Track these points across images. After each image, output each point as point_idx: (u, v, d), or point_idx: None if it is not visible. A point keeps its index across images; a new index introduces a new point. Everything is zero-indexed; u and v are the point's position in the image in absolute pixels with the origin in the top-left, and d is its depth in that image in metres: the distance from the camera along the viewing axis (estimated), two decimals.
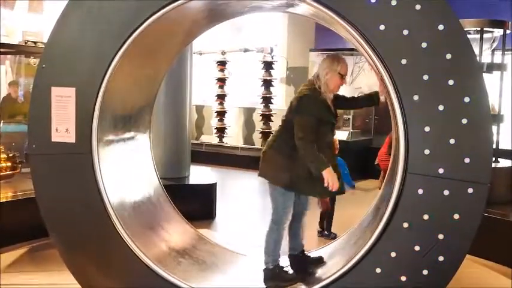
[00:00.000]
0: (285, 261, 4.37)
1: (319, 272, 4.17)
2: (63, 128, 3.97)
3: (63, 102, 3.95)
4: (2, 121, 9.09)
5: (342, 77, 4.13)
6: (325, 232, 6.80)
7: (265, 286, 4.15)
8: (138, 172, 4.71)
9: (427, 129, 3.39)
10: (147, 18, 3.81)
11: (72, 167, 4.01)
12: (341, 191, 4.19)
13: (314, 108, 4.05)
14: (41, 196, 4.12)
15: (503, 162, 6.95)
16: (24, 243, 5.94)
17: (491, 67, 7.07)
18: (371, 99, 4.39)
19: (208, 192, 7.74)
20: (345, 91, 4.52)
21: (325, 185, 3.89)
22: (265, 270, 4.22)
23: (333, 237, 6.44)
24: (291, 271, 4.25)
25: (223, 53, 13.93)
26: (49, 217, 4.11)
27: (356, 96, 4.59)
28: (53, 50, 4.02)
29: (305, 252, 4.48)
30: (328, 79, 4.08)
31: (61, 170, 4.03)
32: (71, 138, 3.97)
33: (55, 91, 3.96)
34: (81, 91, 3.94)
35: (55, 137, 3.99)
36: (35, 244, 5.92)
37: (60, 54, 3.99)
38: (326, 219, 6.84)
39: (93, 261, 4.09)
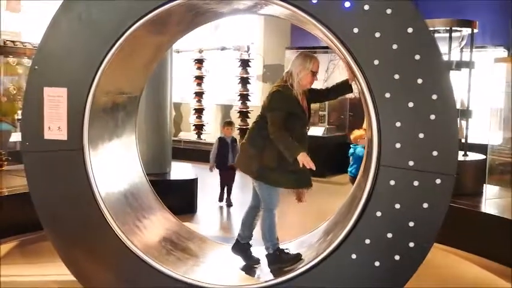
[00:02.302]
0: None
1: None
2: (55, 126, 4.14)
3: (55, 102, 4.11)
4: None
5: (314, 74, 4.34)
6: (226, 202, 8.29)
7: (269, 269, 4.41)
8: (126, 167, 4.89)
9: (398, 124, 3.61)
10: (135, 23, 3.98)
11: (64, 163, 4.18)
12: (308, 183, 4.43)
13: (284, 104, 4.25)
14: (35, 191, 4.27)
15: (472, 156, 7.21)
16: (14, 237, 6.06)
17: (460, 65, 7.31)
18: (343, 87, 4.62)
19: (189, 187, 7.93)
20: (320, 88, 4.74)
21: (301, 166, 4.11)
22: (267, 255, 4.47)
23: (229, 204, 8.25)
24: (291, 252, 4.44)
25: (200, 51, 14.03)
26: (42, 211, 4.28)
27: (328, 88, 4.75)
28: (45, 52, 4.18)
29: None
30: (301, 77, 4.29)
31: (53, 166, 4.20)
32: (63, 135, 4.14)
33: (47, 91, 4.13)
34: (73, 91, 4.11)
35: (48, 135, 4.16)
36: (24, 238, 6.05)
37: (52, 56, 4.15)
38: (228, 190, 8.29)
39: (85, 253, 4.26)
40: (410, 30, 3.57)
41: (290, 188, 4.42)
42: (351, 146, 7.37)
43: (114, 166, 4.62)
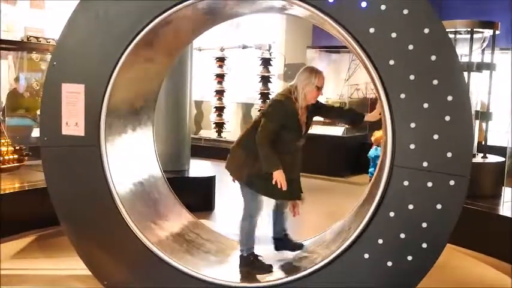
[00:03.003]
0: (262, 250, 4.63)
1: (313, 256, 4.40)
2: (72, 122, 4.21)
3: (72, 98, 4.19)
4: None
5: (319, 89, 4.30)
6: None
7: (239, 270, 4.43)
8: (143, 164, 4.94)
9: (412, 125, 3.60)
10: (152, 21, 4.04)
11: (81, 159, 4.26)
12: (297, 196, 4.42)
13: (281, 116, 4.23)
14: (52, 186, 4.36)
15: (491, 158, 7.15)
16: (34, 232, 6.15)
17: (481, 66, 7.25)
18: (357, 118, 4.75)
19: (207, 185, 7.96)
20: (341, 88, 4.75)
21: (273, 183, 4.10)
22: (241, 257, 4.49)
23: None
24: (266, 261, 4.46)
25: (222, 50, 14.07)
26: (60, 206, 4.36)
27: (344, 108, 4.72)
28: (63, 49, 4.26)
29: (288, 236, 4.74)
30: (306, 91, 4.25)
31: (71, 162, 4.28)
32: (80, 131, 4.21)
33: (65, 87, 4.21)
34: (90, 88, 4.18)
35: (65, 131, 4.24)
36: (43, 232, 6.15)
37: (70, 53, 4.23)
38: None
39: (101, 248, 4.33)
40: (426, 30, 3.55)
41: (279, 199, 4.41)
42: (376, 147, 7.30)
43: (131, 162, 4.67)
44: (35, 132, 9.46)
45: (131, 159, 4.69)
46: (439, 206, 3.62)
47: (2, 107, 9.74)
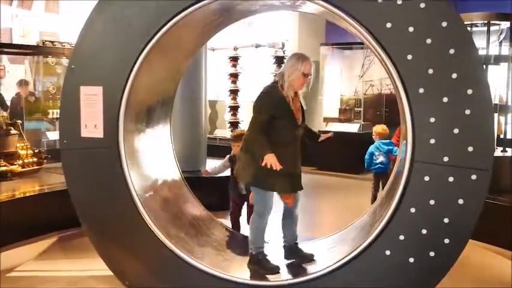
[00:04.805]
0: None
1: (331, 256, 4.39)
2: (91, 124, 4.24)
3: (91, 100, 4.21)
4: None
5: (305, 75, 4.21)
6: None
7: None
8: (161, 164, 4.97)
9: (432, 120, 3.58)
10: (167, 22, 4.06)
11: (101, 160, 4.29)
12: (301, 187, 4.41)
13: (269, 105, 4.18)
14: (73, 188, 4.39)
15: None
16: (55, 233, 6.21)
17: (498, 59, 7.20)
18: (311, 135, 4.71)
19: (223, 184, 7.95)
20: (356, 84, 4.73)
21: (265, 165, 4.00)
22: (250, 255, 4.47)
23: None
24: (273, 261, 4.43)
25: (235, 49, 14.06)
26: (80, 207, 4.39)
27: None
28: (81, 51, 4.29)
29: (298, 245, 4.64)
30: (292, 78, 4.19)
31: (90, 164, 4.31)
32: (99, 133, 4.24)
33: (83, 90, 4.24)
34: (108, 89, 4.21)
35: (84, 133, 4.27)
36: (64, 234, 6.20)
37: (88, 56, 4.26)
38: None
39: (121, 248, 4.36)
40: (444, 24, 3.53)
41: (285, 193, 4.38)
42: (378, 141, 7.29)
43: (149, 163, 4.69)
44: (52, 135, 9.56)
45: (150, 160, 4.71)
46: (460, 201, 3.59)
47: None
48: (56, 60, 10.80)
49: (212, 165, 8.66)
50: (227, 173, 8.20)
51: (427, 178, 3.64)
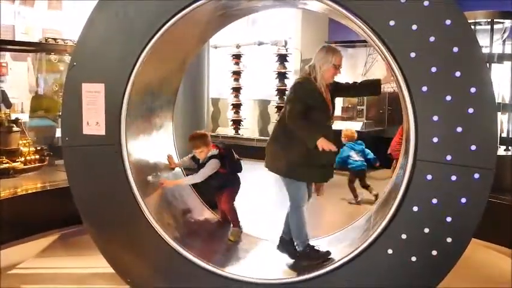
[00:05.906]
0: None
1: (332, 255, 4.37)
2: (93, 122, 4.23)
3: (93, 97, 4.20)
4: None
5: (336, 67, 4.29)
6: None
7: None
8: (163, 161, 4.96)
9: (435, 118, 3.56)
10: (169, 19, 4.04)
11: (103, 158, 4.27)
12: (332, 176, 4.42)
13: (303, 96, 4.22)
14: (74, 185, 4.38)
15: None
16: (56, 231, 6.22)
17: (502, 57, 7.17)
18: (371, 87, 4.55)
19: None
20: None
21: (321, 150, 4.03)
22: (298, 252, 4.47)
23: None
24: (322, 249, 4.41)
25: (237, 47, 14.06)
26: (82, 205, 4.38)
27: (358, 82, 4.64)
28: (83, 48, 4.27)
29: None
30: (324, 70, 4.25)
31: (92, 161, 4.29)
32: (101, 130, 4.22)
33: (85, 87, 4.22)
34: (110, 87, 4.19)
35: (86, 130, 4.26)
36: (65, 231, 6.20)
37: (90, 53, 4.24)
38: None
39: (123, 246, 4.35)
40: (448, 22, 3.50)
41: (318, 182, 4.40)
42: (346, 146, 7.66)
43: (151, 160, 4.68)
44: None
45: (152, 157, 4.70)
46: (463, 200, 3.56)
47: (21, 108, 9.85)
48: (58, 58, 10.78)
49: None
50: None
51: (429, 177, 3.62)
